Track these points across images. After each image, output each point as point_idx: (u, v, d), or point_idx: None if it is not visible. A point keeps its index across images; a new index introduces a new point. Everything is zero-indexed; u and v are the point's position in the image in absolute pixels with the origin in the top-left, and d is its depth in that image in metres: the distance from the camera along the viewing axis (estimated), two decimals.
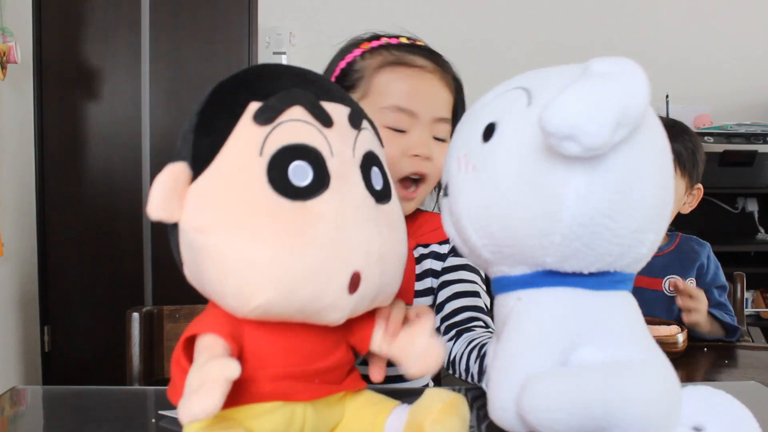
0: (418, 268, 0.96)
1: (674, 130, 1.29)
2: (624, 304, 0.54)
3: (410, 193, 0.89)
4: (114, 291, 2.70)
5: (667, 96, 2.67)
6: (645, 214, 0.50)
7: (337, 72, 0.92)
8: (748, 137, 2.65)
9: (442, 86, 0.89)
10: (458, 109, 0.92)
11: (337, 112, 0.54)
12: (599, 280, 0.52)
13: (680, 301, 1.21)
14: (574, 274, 0.52)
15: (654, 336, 1.09)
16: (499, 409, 0.53)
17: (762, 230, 2.86)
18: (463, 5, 3.01)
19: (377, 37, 0.92)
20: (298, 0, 2.98)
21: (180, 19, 2.70)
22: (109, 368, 2.61)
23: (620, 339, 0.52)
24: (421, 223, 0.98)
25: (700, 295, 1.21)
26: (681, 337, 1.10)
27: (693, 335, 1.25)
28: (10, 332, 2.50)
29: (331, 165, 0.51)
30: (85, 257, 2.69)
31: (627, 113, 0.46)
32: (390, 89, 0.87)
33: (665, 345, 1.08)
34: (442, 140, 0.89)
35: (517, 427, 0.51)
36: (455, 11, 3.01)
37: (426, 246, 0.97)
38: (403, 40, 0.92)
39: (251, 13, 2.70)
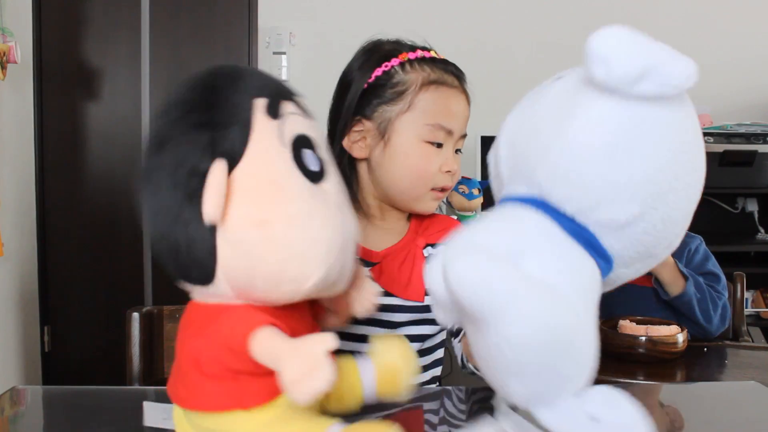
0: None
1: None
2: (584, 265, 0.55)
3: (439, 196, 0.97)
4: (114, 291, 2.70)
5: None
6: (634, 181, 0.50)
7: (372, 79, 0.94)
8: (748, 137, 2.65)
9: (467, 104, 0.98)
10: None
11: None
12: (574, 226, 0.53)
13: None
14: (557, 210, 0.53)
15: (654, 336, 1.09)
16: (431, 268, 0.55)
17: (762, 230, 2.86)
18: (463, 4, 3.01)
19: (413, 49, 0.96)
20: (298, 0, 2.98)
21: (180, 19, 2.70)
22: (109, 368, 2.62)
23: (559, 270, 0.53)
24: (428, 224, 1.01)
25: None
26: (681, 337, 1.10)
27: (693, 336, 1.26)
28: (10, 332, 2.50)
29: (321, 152, 0.57)
30: (85, 257, 2.69)
31: (659, 72, 0.49)
32: (435, 108, 0.93)
33: (665, 345, 1.09)
34: (460, 151, 0.98)
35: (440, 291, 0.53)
36: (455, 11, 3.01)
37: (435, 246, 0.99)
38: (434, 55, 0.97)
39: (251, 13, 2.70)
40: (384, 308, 0.93)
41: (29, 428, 0.69)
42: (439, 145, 0.94)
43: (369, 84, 0.94)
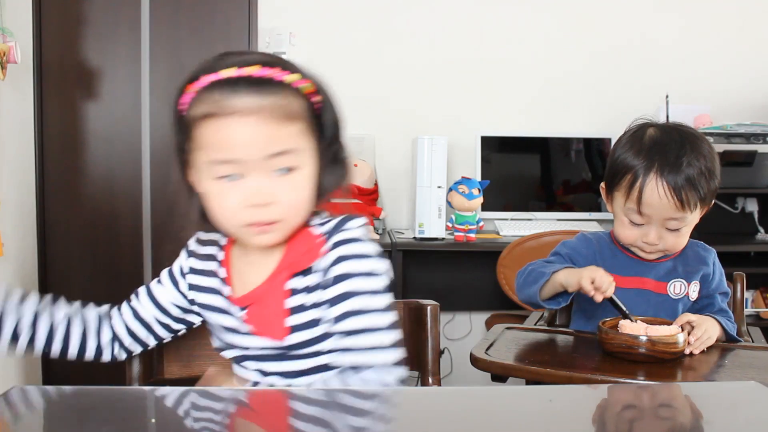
0: (294, 301, 0.90)
1: (693, 152, 1.20)
2: None
3: (264, 229, 0.87)
4: (114, 291, 2.69)
5: (667, 96, 2.67)
6: None
7: (175, 119, 0.90)
8: (748, 137, 2.65)
9: (268, 122, 0.83)
10: (316, 110, 0.89)
11: None
12: None
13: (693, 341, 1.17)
14: None
15: (654, 336, 1.09)
16: None
17: (762, 230, 2.87)
18: (463, 7, 3.01)
19: (197, 77, 0.86)
20: (298, 0, 2.98)
21: (180, 19, 2.70)
22: (109, 368, 2.61)
23: None
24: (295, 246, 0.91)
25: (704, 326, 1.19)
26: (681, 338, 1.10)
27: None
28: None
29: None
30: (85, 257, 2.69)
31: None
32: (209, 143, 0.84)
33: (666, 345, 1.08)
34: (292, 169, 0.85)
35: None
36: (455, 13, 3.01)
37: (305, 273, 0.90)
38: (228, 73, 0.83)
39: (251, 13, 2.70)
40: (258, 350, 0.92)
41: (29, 428, 0.69)
42: (237, 177, 0.84)
43: (175, 125, 0.90)
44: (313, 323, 0.89)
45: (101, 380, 2.64)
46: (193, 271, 0.98)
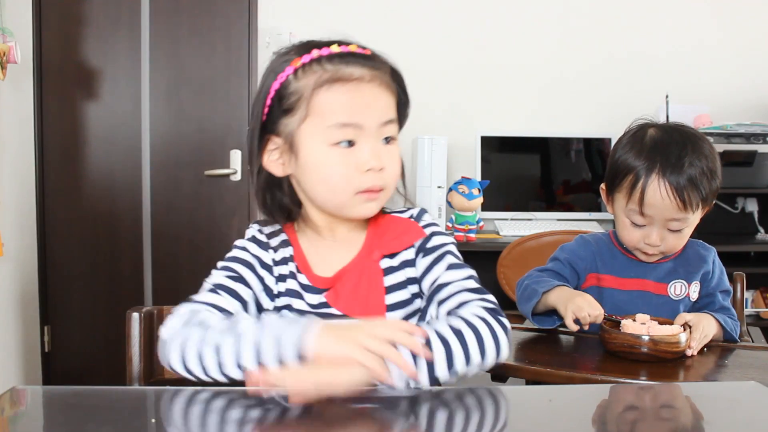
0: (389, 280, 0.93)
1: (694, 152, 1.20)
2: None
3: (372, 197, 0.90)
4: (114, 291, 2.70)
5: (667, 96, 2.67)
6: None
7: (272, 94, 0.91)
8: (748, 137, 2.65)
9: (382, 90, 0.90)
10: (402, 100, 0.94)
11: None
12: None
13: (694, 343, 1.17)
14: None
15: (656, 336, 1.09)
16: None
17: (762, 230, 2.87)
18: (463, 6, 3.01)
19: (307, 50, 0.90)
20: (298, 0, 2.98)
21: (180, 19, 2.70)
22: (109, 368, 2.62)
23: None
24: (384, 231, 0.96)
25: (701, 324, 1.19)
26: (683, 337, 1.10)
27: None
28: (10, 332, 2.50)
29: None
30: (85, 257, 2.70)
31: None
32: (333, 107, 0.87)
33: (668, 344, 1.08)
34: (392, 139, 0.91)
35: None
36: (455, 13, 3.01)
37: (394, 256, 0.94)
38: (335, 49, 0.90)
39: (251, 13, 2.70)
40: None
41: (29, 428, 0.69)
42: (352, 143, 0.88)
43: (271, 99, 0.91)
44: (408, 302, 0.93)
45: (101, 380, 2.63)
46: (275, 262, 0.95)
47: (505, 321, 0.84)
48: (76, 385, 0.76)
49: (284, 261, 0.95)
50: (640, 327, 1.12)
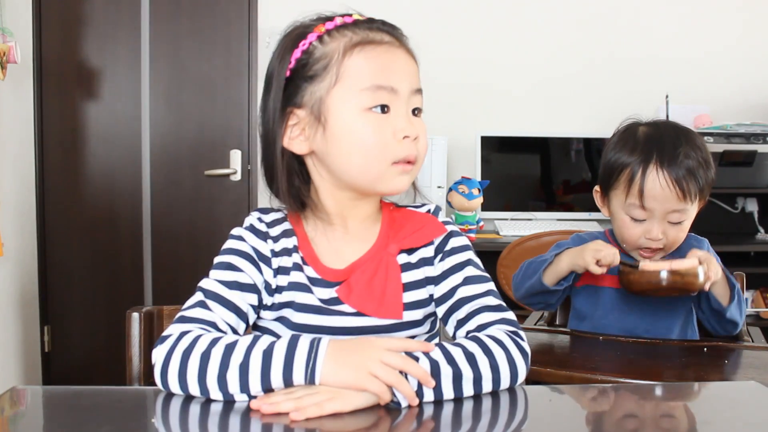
0: (406, 277, 0.87)
1: (688, 144, 1.22)
2: None
3: (406, 169, 0.84)
4: (114, 291, 2.71)
5: (667, 96, 2.67)
6: None
7: (292, 63, 0.84)
8: (748, 137, 2.65)
9: (409, 58, 0.88)
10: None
11: None
12: None
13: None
14: None
15: (673, 269, 1.10)
16: None
17: (762, 230, 2.86)
18: (464, 7, 3.01)
19: (329, 18, 0.85)
20: (298, 0, 2.98)
21: (180, 19, 2.70)
22: (109, 368, 2.62)
23: None
24: (401, 225, 0.90)
25: (712, 260, 1.20)
26: (702, 270, 1.12)
27: (716, 335, 1.26)
28: (10, 332, 2.50)
29: None
30: (85, 257, 2.70)
31: None
32: (367, 69, 0.82)
33: (685, 277, 1.10)
34: (419, 111, 0.86)
35: None
36: (456, 13, 3.01)
37: (412, 251, 0.88)
38: (357, 17, 0.87)
39: (251, 13, 2.70)
40: (357, 331, 0.83)
41: (29, 428, 0.69)
42: (386, 109, 0.82)
43: (291, 70, 0.84)
44: (426, 302, 0.88)
45: (101, 380, 2.64)
46: (273, 253, 0.86)
47: (525, 345, 0.80)
48: (76, 385, 0.76)
49: (286, 252, 0.86)
50: (660, 264, 1.14)
